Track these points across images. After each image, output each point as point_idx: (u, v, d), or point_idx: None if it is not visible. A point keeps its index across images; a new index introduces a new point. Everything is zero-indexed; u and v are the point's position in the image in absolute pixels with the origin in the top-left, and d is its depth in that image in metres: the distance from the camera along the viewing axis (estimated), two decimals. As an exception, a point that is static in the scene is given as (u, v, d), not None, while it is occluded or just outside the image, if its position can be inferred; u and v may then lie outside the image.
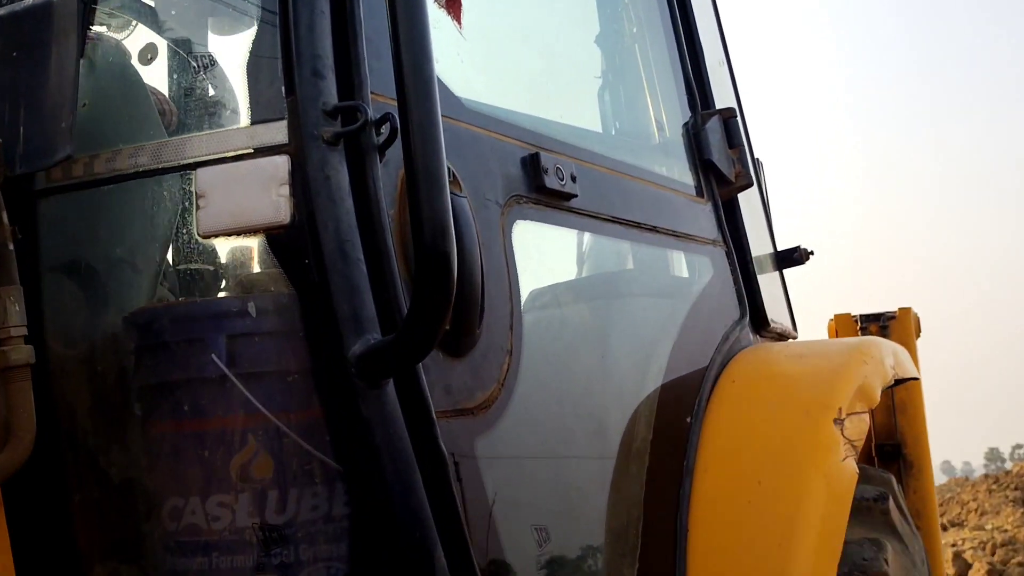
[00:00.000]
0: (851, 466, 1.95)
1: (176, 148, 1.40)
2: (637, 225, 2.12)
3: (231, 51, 1.43)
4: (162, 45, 1.46)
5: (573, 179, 1.85)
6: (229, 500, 1.41)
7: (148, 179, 1.42)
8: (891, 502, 2.37)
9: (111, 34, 1.50)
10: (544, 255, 1.83)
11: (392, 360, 1.27)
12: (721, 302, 2.48)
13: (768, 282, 3.30)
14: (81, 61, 1.48)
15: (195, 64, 1.41)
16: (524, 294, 1.76)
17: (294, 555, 1.41)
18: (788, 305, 3.49)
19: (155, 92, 1.54)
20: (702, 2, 3.49)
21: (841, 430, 1.98)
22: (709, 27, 3.47)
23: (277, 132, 1.35)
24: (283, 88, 1.36)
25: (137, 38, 1.47)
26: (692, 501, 1.93)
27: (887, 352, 2.38)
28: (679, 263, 2.52)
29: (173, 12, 1.47)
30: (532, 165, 1.76)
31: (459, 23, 1.58)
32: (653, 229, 2.20)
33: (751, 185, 2.71)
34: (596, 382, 1.87)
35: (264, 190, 1.33)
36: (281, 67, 1.36)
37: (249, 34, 1.42)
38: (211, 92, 1.43)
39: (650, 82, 2.71)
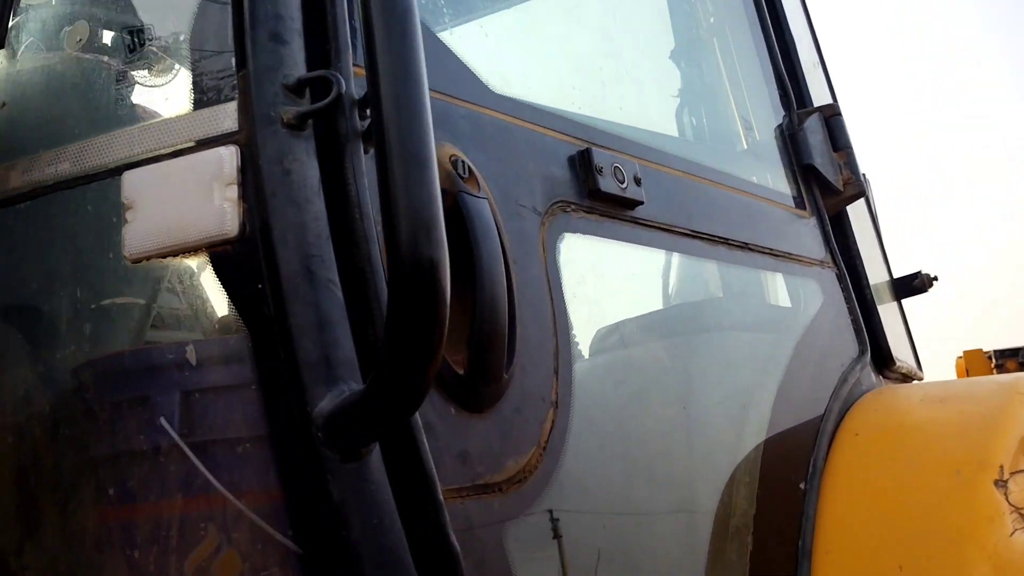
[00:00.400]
0: (1022, 540, 1.47)
1: (102, 149, 1.07)
2: (724, 241, 1.71)
3: (177, 22, 1.11)
4: (96, 25, 1.15)
5: (637, 182, 1.46)
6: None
7: (72, 190, 1.09)
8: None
9: (41, 15, 1.19)
10: (602, 278, 1.44)
11: (366, 420, 0.89)
12: (835, 336, 2.03)
13: (887, 313, 2.81)
14: (1, 52, 1.19)
15: (130, 43, 1.09)
16: (581, 327, 1.37)
17: None
18: (910, 340, 2.99)
19: (113, 78, 1.23)
20: (791, 3, 3.11)
21: (1005, 494, 1.50)
22: (801, 28, 3.08)
23: (224, 117, 1.01)
24: (234, 60, 1.02)
25: (66, 17, 1.16)
26: (811, 594, 1.48)
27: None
28: (779, 289, 2.09)
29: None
30: (582, 164, 1.38)
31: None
32: (745, 247, 1.78)
33: (862, 194, 2.27)
34: (677, 443, 1.45)
35: (206, 194, 0.98)
36: (231, 33, 1.02)
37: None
38: (152, 75, 1.10)
39: (733, 80, 2.31)
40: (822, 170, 2.16)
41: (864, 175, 3.22)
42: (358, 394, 0.90)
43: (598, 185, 1.37)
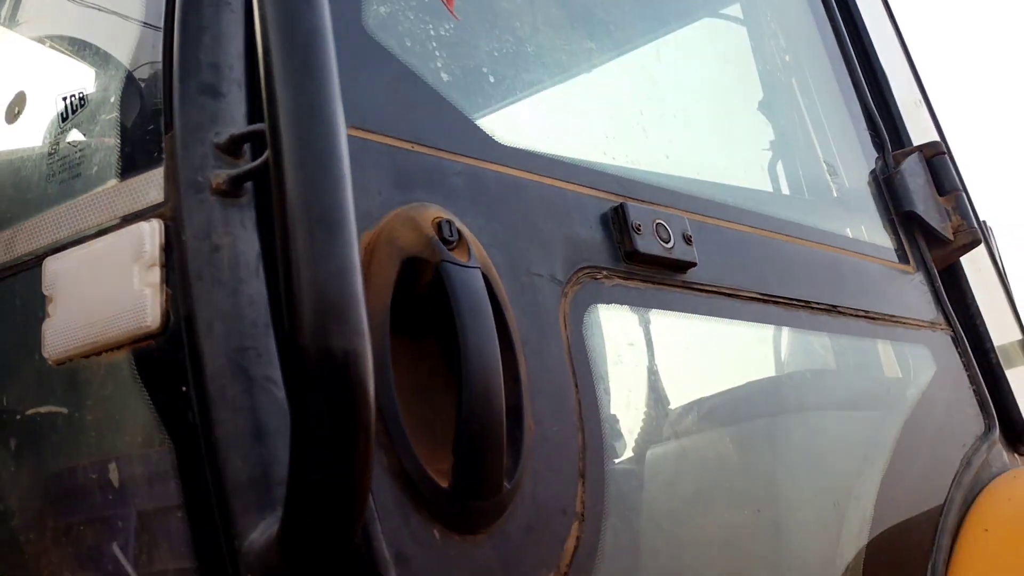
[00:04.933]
0: None
1: (30, 234, 0.93)
2: (806, 305, 1.46)
3: (109, 82, 0.97)
4: (33, 92, 1.03)
5: (688, 240, 1.23)
6: None
7: (3, 283, 0.95)
8: None
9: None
10: (646, 357, 1.22)
11: (282, 561, 0.69)
12: (954, 409, 1.72)
13: (1018, 378, 2.43)
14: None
15: (63, 109, 0.95)
16: (619, 418, 1.14)
17: None
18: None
19: (71, 135, 1.10)
20: (884, 34, 2.85)
21: None
22: (898, 62, 2.81)
23: (149, 187, 0.85)
24: (162, 120, 0.86)
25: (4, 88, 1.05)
26: None
27: None
28: (884, 358, 1.79)
29: (45, 43, 1.04)
30: (615, 222, 1.17)
31: (450, 8, 1.06)
32: (833, 310, 1.52)
33: (978, 243, 1.96)
34: (752, 556, 1.18)
35: (125, 280, 0.82)
36: (162, 89, 0.87)
37: (128, 53, 0.95)
38: (81, 144, 0.96)
39: (815, 122, 2.06)
40: (926, 217, 1.88)
41: (984, 222, 2.88)
42: (275, 530, 0.70)
43: (635, 246, 1.15)
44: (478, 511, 0.87)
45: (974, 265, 2.34)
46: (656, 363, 1.24)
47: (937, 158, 1.94)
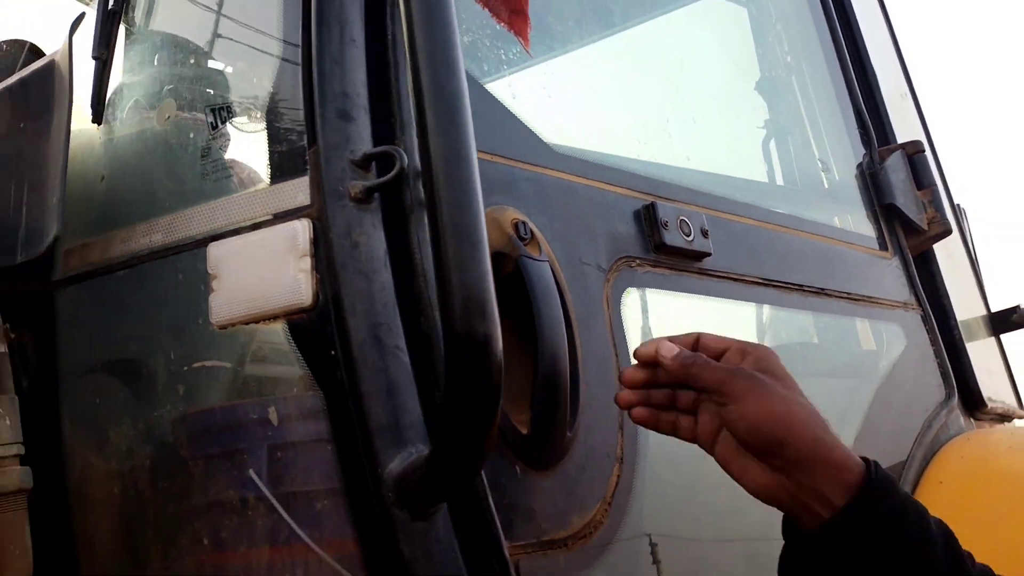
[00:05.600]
0: None
1: (190, 221, 1.16)
2: (799, 288, 1.71)
3: (255, 99, 1.19)
4: (180, 99, 1.24)
5: (704, 234, 1.47)
6: (273, 653, 1.11)
7: (165, 259, 1.18)
8: None
9: (134, 92, 1.30)
10: (669, 331, 1.47)
11: (432, 483, 0.94)
12: (920, 378, 1.99)
13: (982, 351, 2.71)
14: (99, 128, 1.30)
15: (213, 119, 1.17)
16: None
17: None
18: (1011, 379, 2.88)
19: (222, 141, 1.32)
20: (877, 30, 3.06)
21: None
22: (888, 57, 3.02)
23: (297, 192, 1.08)
24: (306, 137, 1.09)
25: (156, 94, 1.26)
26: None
27: None
28: (861, 333, 2.05)
29: (192, 62, 1.26)
30: (647, 219, 1.41)
31: (526, 42, 1.27)
32: (821, 292, 1.77)
33: (948, 233, 2.21)
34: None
35: (282, 265, 1.06)
36: (304, 112, 1.09)
37: (270, 77, 1.17)
38: (232, 150, 1.19)
39: (812, 119, 2.29)
40: (904, 209, 2.12)
41: (959, 205, 3.14)
42: (424, 458, 0.95)
43: (663, 239, 1.39)
44: (548, 453, 1.12)
45: (945, 249, 2.60)
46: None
47: (917, 155, 2.18)
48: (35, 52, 1.40)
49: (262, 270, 1.07)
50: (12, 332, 1.14)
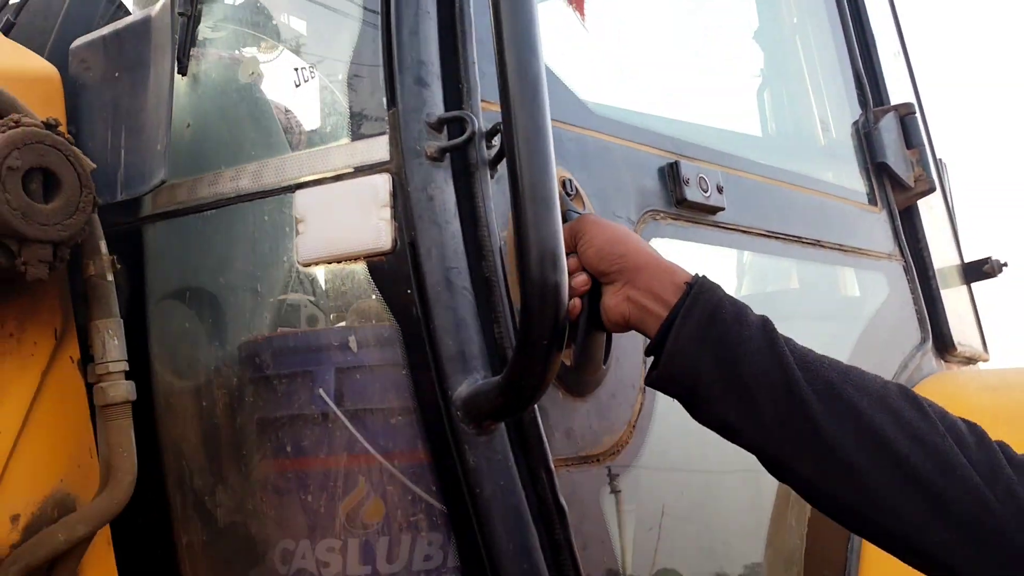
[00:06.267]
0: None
1: (276, 169, 1.31)
2: (798, 240, 1.88)
3: (334, 61, 1.32)
4: (264, 60, 1.37)
5: (719, 190, 1.64)
6: (339, 545, 1.30)
7: (251, 202, 1.32)
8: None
9: (217, 50, 1.42)
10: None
11: (499, 405, 1.11)
12: (899, 324, 2.18)
13: (954, 298, 2.92)
14: (184, 79, 1.42)
15: (296, 78, 1.31)
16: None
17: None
18: (978, 324, 3.10)
19: (280, 108, 1.46)
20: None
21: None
22: (882, 14, 3.15)
23: (378, 149, 1.23)
24: (384, 100, 1.23)
25: (240, 52, 1.39)
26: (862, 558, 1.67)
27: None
28: (849, 281, 2.24)
29: (273, 22, 1.38)
30: (671, 176, 1.56)
31: (582, 15, 1.41)
32: (817, 243, 1.95)
33: (932, 190, 2.39)
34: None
35: (364, 213, 1.21)
36: (383, 76, 1.23)
37: (351, 41, 1.31)
38: (314, 107, 1.33)
39: (813, 78, 2.44)
40: (894, 168, 2.29)
41: (941, 160, 3.32)
42: (492, 383, 1.12)
43: (685, 195, 1.55)
44: (586, 383, 1.30)
45: (927, 202, 2.78)
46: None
47: (908, 116, 2.34)
48: (115, 2, 1.51)
49: (345, 217, 1.22)
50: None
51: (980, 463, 1.02)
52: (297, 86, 1.31)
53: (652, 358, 1.14)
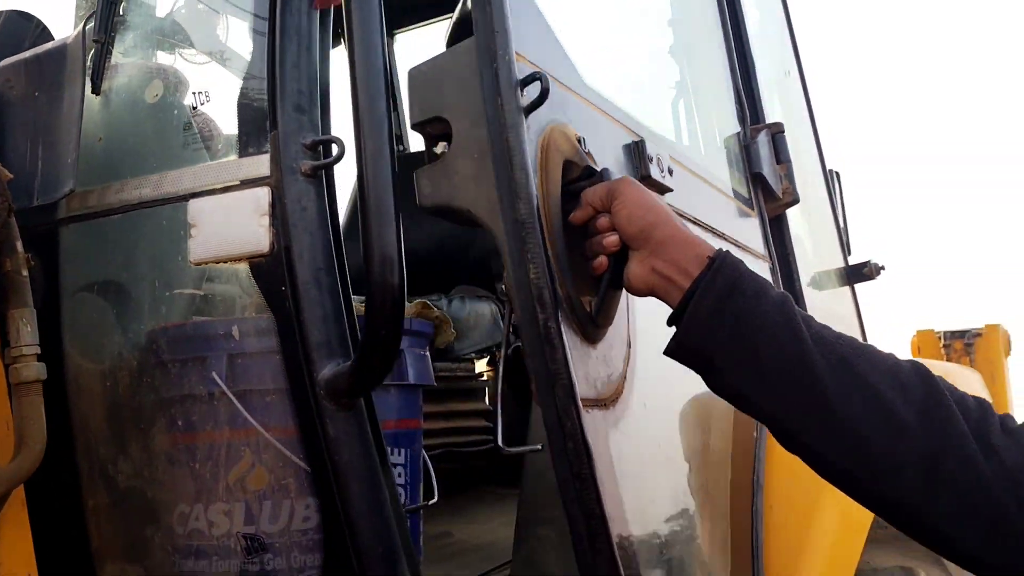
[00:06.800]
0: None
1: (173, 180, 1.50)
2: (711, 229, 2.03)
3: (229, 86, 1.52)
4: (167, 82, 1.56)
5: (670, 172, 1.76)
6: (228, 508, 1.49)
7: (152, 208, 1.52)
8: None
9: (127, 72, 1.61)
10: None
11: (352, 384, 1.32)
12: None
13: (836, 298, 3.19)
14: (97, 98, 1.61)
15: (193, 102, 1.50)
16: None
17: (286, 561, 1.48)
18: (859, 322, 3.38)
19: (200, 118, 1.63)
20: (774, 11, 3.41)
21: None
22: (779, 36, 3.39)
23: (261, 165, 1.42)
24: (268, 123, 1.43)
25: (146, 75, 1.58)
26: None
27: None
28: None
29: (177, 52, 1.57)
30: (636, 153, 1.66)
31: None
32: (722, 236, 2.12)
33: (797, 202, 2.64)
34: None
35: (247, 220, 1.41)
36: (268, 103, 1.43)
37: (243, 70, 1.50)
38: (207, 126, 1.52)
39: (712, 93, 2.65)
40: (768, 179, 2.53)
41: (833, 171, 3.59)
42: (347, 366, 1.33)
43: (649, 172, 1.64)
44: (598, 332, 1.39)
45: (818, 210, 3.01)
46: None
47: (778, 135, 2.58)
48: (39, 27, 1.69)
49: (232, 223, 1.42)
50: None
51: (979, 435, 1.06)
52: (194, 108, 1.50)
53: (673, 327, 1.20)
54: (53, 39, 1.65)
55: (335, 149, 1.40)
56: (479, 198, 1.31)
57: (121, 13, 1.60)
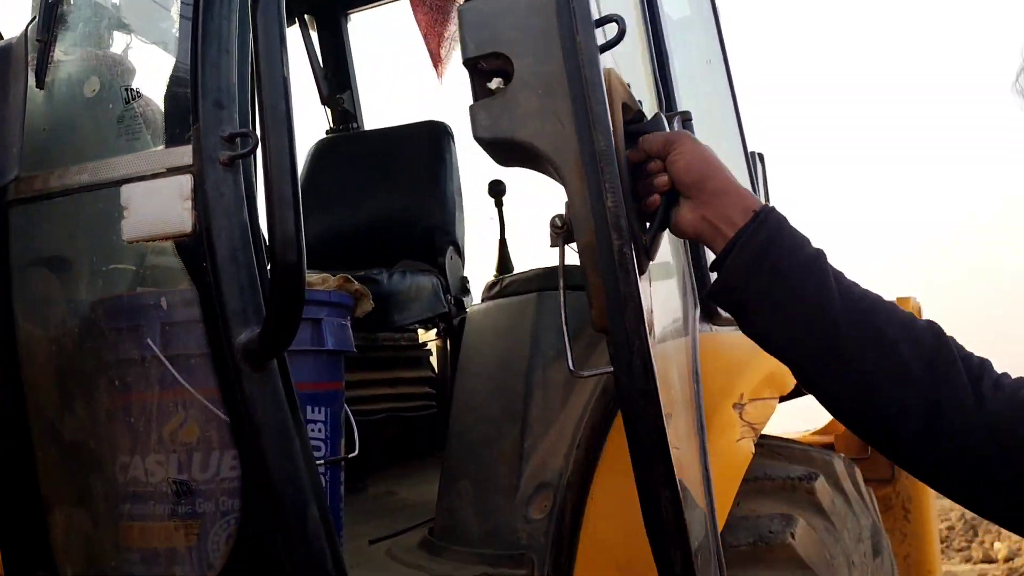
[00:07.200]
0: (746, 446, 2.11)
1: (109, 167, 1.68)
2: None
3: (159, 81, 1.70)
4: (103, 78, 1.74)
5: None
6: (163, 459, 1.69)
7: (90, 192, 1.70)
8: (820, 482, 2.50)
9: (68, 67, 1.79)
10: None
11: (262, 348, 1.52)
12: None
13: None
14: (41, 91, 1.79)
15: (124, 96, 1.68)
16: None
17: (214, 505, 1.68)
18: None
19: (141, 101, 1.79)
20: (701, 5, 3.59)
21: (740, 414, 2.14)
22: (705, 23, 3.58)
23: (184, 155, 1.60)
24: (191, 117, 1.61)
25: (85, 71, 1.76)
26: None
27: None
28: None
29: (111, 51, 1.75)
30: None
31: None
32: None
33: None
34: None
35: (172, 204, 1.59)
36: (190, 99, 1.61)
37: (170, 68, 1.68)
38: (148, 108, 1.70)
39: (637, 85, 2.83)
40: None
41: (756, 153, 3.81)
42: (258, 333, 1.53)
43: None
44: (646, 264, 1.53)
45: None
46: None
47: (687, 122, 2.78)
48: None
49: (158, 206, 1.60)
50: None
51: (975, 387, 1.17)
52: (126, 102, 1.68)
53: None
54: (2, 38, 1.82)
55: (251, 142, 1.59)
56: (543, 132, 1.43)
57: (63, 13, 1.77)
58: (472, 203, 3.89)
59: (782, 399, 3.87)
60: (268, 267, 1.61)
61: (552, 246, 1.65)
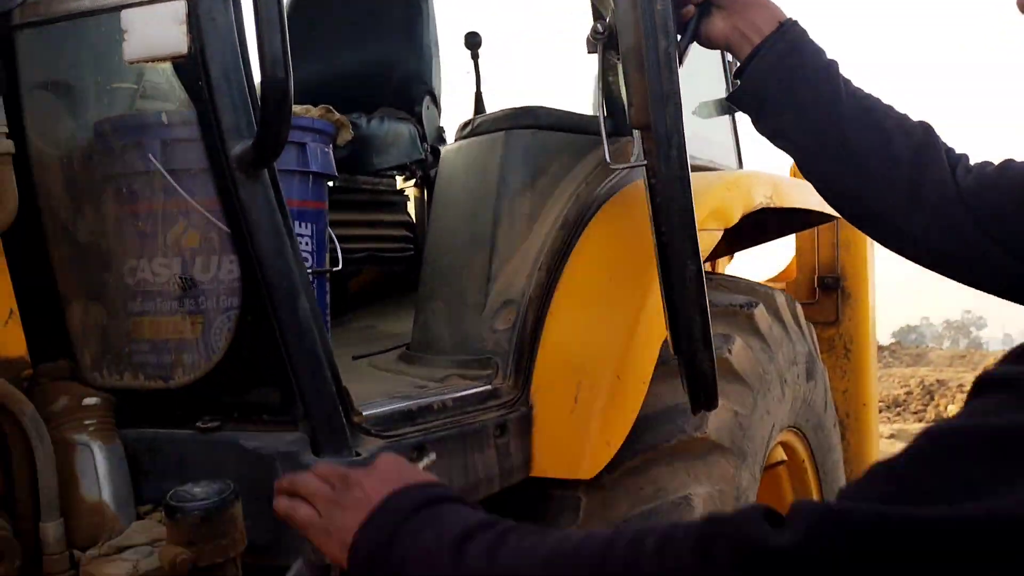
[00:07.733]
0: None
1: (108, -6, 1.83)
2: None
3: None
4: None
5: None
6: (168, 262, 1.92)
7: (93, 16, 1.86)
8: (760, 309, 2.77)
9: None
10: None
11: (256, 156, 1.72)
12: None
13: (714, 125, 3.60)
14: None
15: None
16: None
17: (215, 302, 1.91)
18: (736, 146, 3.80)
19: None
20: None
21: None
22: None
23: (180, -16, 1.76)
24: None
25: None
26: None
27: (760, 183, 2.74)
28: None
29: None
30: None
31: None
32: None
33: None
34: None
35: (169, 28, 1.76)
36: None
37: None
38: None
39: None
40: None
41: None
42: (251, 143, 1.72)
43: None
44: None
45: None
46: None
47: None
48: None
49: (157, 30, 1.77)
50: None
51: (953, 170, 1.40)
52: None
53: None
54: None
55: (242, -25, 1.74)
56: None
57: None
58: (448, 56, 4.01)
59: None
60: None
61: (590, 52, 1.91)
